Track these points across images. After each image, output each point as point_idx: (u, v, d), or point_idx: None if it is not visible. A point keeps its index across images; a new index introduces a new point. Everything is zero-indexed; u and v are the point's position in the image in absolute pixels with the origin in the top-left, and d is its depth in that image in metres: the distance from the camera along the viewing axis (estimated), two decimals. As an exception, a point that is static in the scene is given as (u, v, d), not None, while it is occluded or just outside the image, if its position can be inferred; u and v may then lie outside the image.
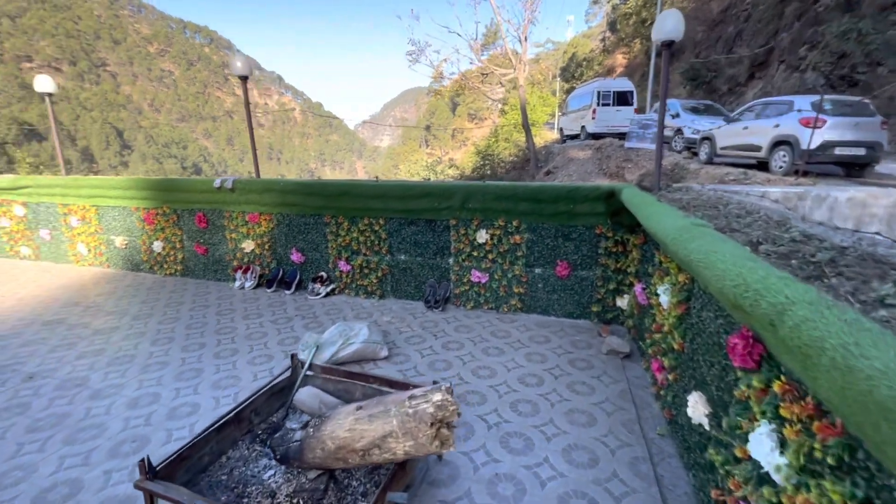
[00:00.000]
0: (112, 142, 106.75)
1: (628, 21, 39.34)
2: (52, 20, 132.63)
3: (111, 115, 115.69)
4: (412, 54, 15.11)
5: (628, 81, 17.09)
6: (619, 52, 42.64)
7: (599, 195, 3.19)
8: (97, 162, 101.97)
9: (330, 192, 3.85)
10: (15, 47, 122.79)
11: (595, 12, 58.91)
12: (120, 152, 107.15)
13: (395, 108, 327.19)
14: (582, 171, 14.54)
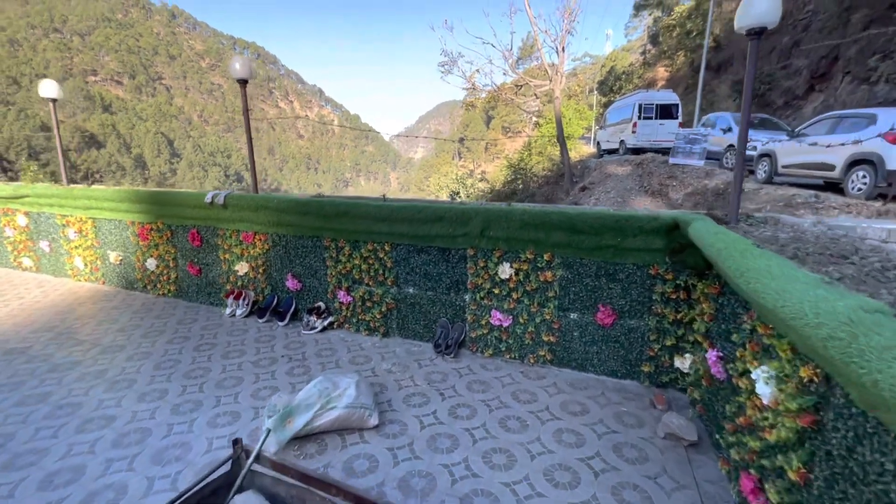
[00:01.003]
0: (163, 150, 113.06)
1: (671, 33, 38.03)
2: (116, 37, 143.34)
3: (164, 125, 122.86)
4: (444, 65, 14.74)
5: (673, 94, 16.06)
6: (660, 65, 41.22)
7: (658, 227, 2.48)
8: (149, 168, 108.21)
9: (328, 211, 3.31)
10: (83, 62, 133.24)
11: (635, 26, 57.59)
12: (170, 160, 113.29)
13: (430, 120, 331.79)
14: (621, 188, 13.60)
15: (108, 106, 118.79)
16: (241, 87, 3.64)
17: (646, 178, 13.20)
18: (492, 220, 2.84)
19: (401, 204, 3.08)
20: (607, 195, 13.60)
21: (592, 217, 2.60)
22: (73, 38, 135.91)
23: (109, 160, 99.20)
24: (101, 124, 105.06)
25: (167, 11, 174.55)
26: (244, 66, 3.51)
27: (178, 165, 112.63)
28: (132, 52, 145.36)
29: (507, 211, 2.81)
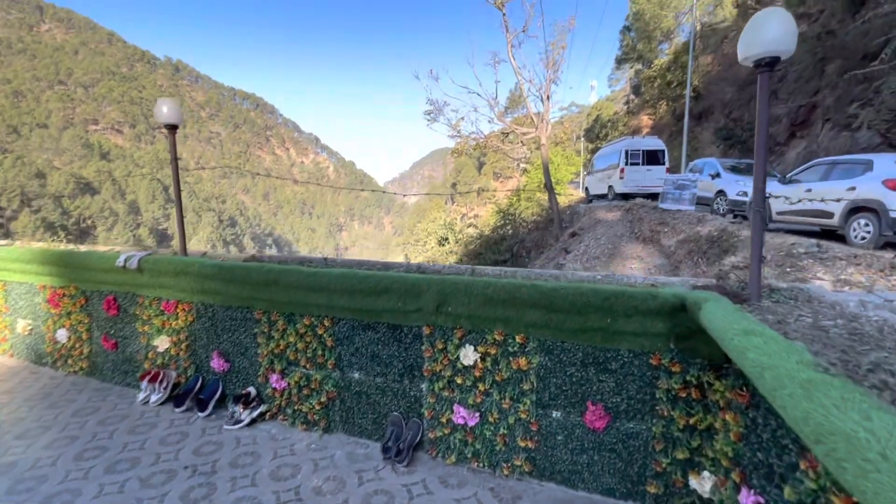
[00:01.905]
0: (157, 196, 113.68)
1: (653, 84, 39.64)
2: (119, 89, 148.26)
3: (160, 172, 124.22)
4: (430, 113, 14.76)
5: (658, 140, 16.17)
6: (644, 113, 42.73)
7: (658, 308, 1.91)
8: (142, 214, 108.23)
9: (255, 279, 2.72)
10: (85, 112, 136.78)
11: (618, 78, 60.47)
12: (164, 205, 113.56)
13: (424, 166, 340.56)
14: (611, 235, 13.25)
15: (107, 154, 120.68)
16: (169, 134, 3.15)
17: (636, 224, 12.90)
18: (449, 293, 2.26)
19: (339, 272, 2.51)
20: (597, 241, 13.23)
21: (573, 293, 2.03)
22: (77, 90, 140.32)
23: (103, 206, 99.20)
24: (98, 171, 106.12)
25: (171, 65, 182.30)
26: (172, 110, 3.04)
27: (171, 211, 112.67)
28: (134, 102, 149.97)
29: (468, 283, 2.24)
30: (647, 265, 11.24)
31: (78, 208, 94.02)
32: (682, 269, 9.87)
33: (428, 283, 2.29)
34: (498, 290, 2.16)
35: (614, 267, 11.88)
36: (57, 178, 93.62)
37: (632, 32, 44.56)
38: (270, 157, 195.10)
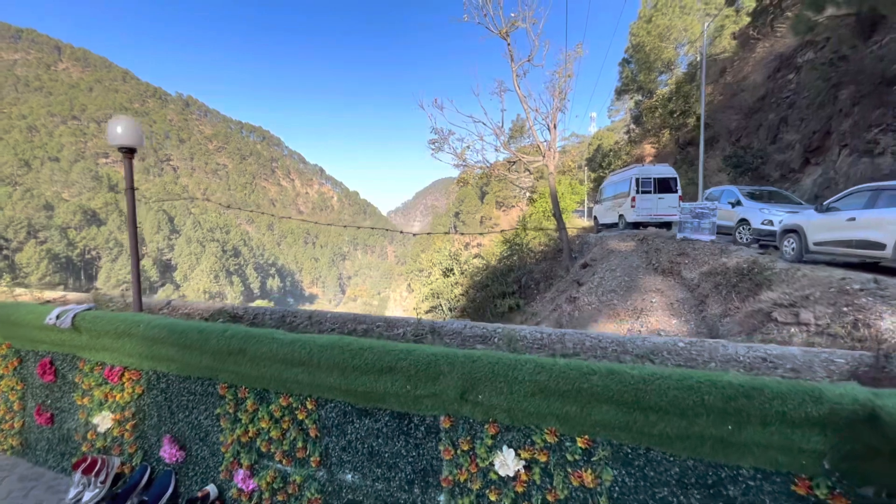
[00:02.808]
0: (163, 226, 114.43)
1: (654, 113, 39.92)
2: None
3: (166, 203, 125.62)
4: (435, 143, 14.43)
5: (670, 167, 15.72)
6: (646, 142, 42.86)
7: (822, 419, 1.22)
8: (147, 245, 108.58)
9: (216, 346, 2.06)
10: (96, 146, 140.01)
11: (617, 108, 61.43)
12: (168, 236, 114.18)
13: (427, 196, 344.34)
14: (626, 266, 12.56)
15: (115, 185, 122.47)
16: (125, 158, 2.57)
17: (653, 255, 12.23)
18: (479, 378, 1.59)
19: (326, 341, 1.83)
20: (613, 273, 12.53)
21: (677, 387, 1.34)
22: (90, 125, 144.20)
23: (108, 237, 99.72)
24: (105, 203, 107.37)
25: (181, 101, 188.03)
26: (129, 130, 2.47)
27: (177, 241, 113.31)
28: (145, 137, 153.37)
29: (508, 364, 1.56)
30: (668, 299, 10.49)
31: (84, 239, 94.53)
32: (710, 304, 9.14)
33: (449, 361, 1.62)
34: (555, 378, 1.48)
35: (633, 301, 11.14)
36: (64, 210, 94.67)
37: (631, 64, 45.31)
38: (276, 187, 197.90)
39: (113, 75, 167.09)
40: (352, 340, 1.78)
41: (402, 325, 2.17)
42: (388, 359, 1.68)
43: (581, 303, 12.38)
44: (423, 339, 1.83)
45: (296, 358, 1.86)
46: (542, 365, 1.50)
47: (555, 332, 1.94)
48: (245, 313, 2.58)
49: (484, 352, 1.64)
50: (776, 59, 21.49)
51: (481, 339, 1.87)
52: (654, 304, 10.21)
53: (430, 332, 1.97)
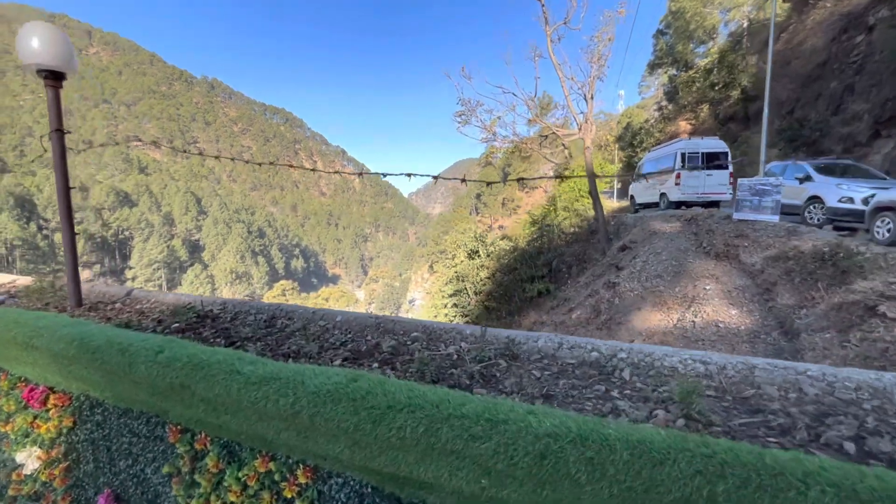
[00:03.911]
0: (191, 208, 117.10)
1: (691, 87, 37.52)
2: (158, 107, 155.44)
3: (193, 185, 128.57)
4: (462, 115, 13.37)
5: (720, 141, 14.25)
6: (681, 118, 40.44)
7: None
8: (176, 226, 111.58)
9: (145, 376, 1.26)
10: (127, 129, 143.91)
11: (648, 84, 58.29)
12: (196, 217, 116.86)
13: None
14: (673, 249, 11.40)
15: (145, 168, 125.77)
16: (47, 88, 1.77)
17: (704, 237, 11.04)
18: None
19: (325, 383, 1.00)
20: (657, 257, 11.42)
21: None
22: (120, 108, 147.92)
23: (140, 218, 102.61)
24: (136, 184, 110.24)
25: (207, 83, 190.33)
26: (51, 43, 1.66)
27: (204, 222, 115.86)
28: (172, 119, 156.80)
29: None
30: (724, 286, 9.38)
31: (117, 220, 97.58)
32: (779, 292, 8.01)
33: (597, 464, 0.75)
34: None
35: (682, 287, 10.07)
36: (98, 192, 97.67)
37: (666, 36, 42.59)
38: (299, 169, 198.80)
39: (140, 59, 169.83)
40: (371, 383, 0.95)
41: (453, 337, 1.34)
42: (446, 432, 0.84)
43: (622, 289, 11.37)
44: (493, 368, 0.97)
45: (273, 411, 1.04)
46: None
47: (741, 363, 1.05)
48: (223, 311, 1.79)
49: (668, 434, 0.76)
50: (842, 20, 19.24)
51: (598, 372, 1.00)
52: (709, 292, 9.12)
53: (503, 356, 1.12)
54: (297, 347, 1.38)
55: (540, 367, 1.19)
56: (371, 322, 1.56)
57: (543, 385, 1.06)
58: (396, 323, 1.54)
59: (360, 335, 1.48)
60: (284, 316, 1.68)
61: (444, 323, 1.53)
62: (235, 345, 1.43)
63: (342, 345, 1.40)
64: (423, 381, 1.11)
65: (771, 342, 7.45)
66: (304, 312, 1.66)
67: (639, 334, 9.56)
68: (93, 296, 2.13)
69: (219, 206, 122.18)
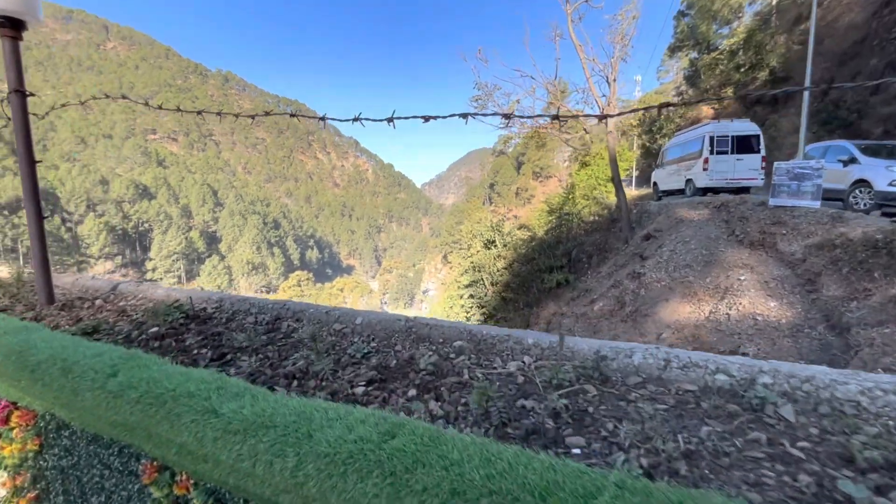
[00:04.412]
0: (208, 200, 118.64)
1: (714, 71, 36.30)
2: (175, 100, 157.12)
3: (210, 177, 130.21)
4: (478, 100, 12.88)
5: (751, 123, 13.49)
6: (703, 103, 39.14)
7: None
8: (193, 217, 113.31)
9: (91, 407, 0.93)
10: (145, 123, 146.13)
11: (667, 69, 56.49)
12: (213, 209, 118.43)
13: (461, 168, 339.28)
14: (702, 237, 10.83)
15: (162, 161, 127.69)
16: (3, 39, 1.44)
17: (737, 224, 10.44)
18: None
19: (342, 437, 0.67)
20: (686, 245, 10.87)
21: None
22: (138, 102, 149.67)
23: (159, 210, 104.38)
24: (155, 178, 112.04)
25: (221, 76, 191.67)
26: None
27: (221, 214, 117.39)
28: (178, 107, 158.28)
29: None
30: (760, 276, 8.83)
31: (137, 212, 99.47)
32: (824, 283, 7.45)
33: None
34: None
35: (714, 278, 9.55)
36: (118, 184, 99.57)
37: (687, 17, 41.13)
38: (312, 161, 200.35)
39: (156, 52, 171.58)
40: (419, 442, 0.60)
41: (510, 348, 1.00)
42: None
43: (648, 279, 10.88)
44: (580, 399, 0.59)
45: (266, 476, 0.70)
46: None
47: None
48: (217, 309, 1.46)
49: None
50: (884, -8, 18.00)
51: (740, 407, 0.63)
52: (744, 283, 8.59)
53: (589, 378, 0.75)
54: (304, 364, 1.04)
55: (647, 398, 0.83)
56: (400, 326, 1.21)
57: (668, 430, 0.70)
58: (432, 328, 1.19)
59: (386, 344, 1.14)
60: (291, 317, 1.35)
61: (493, 328, 1.17)
62: (225, 358, 1.11)
63: (365, 358, 1.06)
64: (486, 421, 0.76)
65: (816, 337, 6.93)
66: (316, 313, 1.33)
67: (667, 327, 9.11)
68: (74, 290, 1.85)
69: (234, 198, 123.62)
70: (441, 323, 1.20)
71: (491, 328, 1.15)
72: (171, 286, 1.86)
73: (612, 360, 0.96)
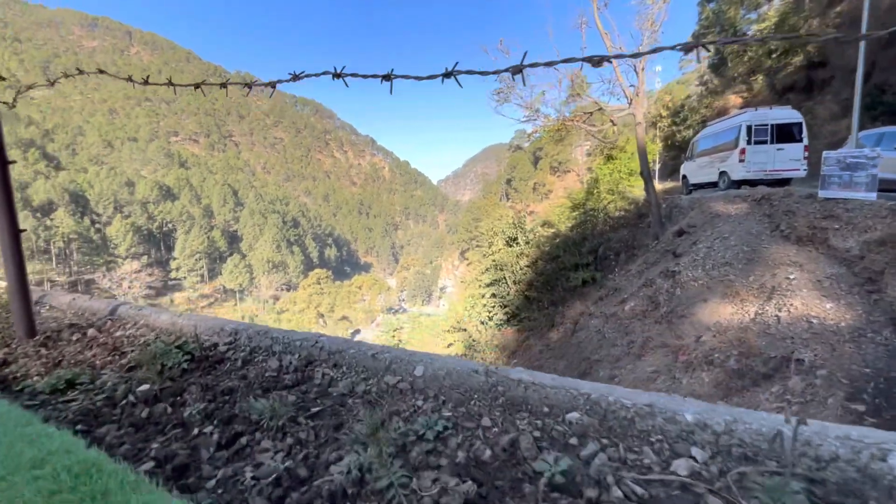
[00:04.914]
0: (228, 200, 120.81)
1: (742, 58, 34.97)
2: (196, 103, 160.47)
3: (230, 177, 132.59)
4: (500, 93, 12.44)
5: (793, 111, 12.69)
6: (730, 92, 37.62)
7: None
8: (215, 217, 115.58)
9: None
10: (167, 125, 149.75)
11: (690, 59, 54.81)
12: (234, 209, 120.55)
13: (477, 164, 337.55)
14: (742, 233, 10.19)
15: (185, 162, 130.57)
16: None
17: (781, 219, 9.78)
18: None
19: None
20: (724, 242, 10.26)
21: None
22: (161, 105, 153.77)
23: (182, 210, 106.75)
24: (177, 179, 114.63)
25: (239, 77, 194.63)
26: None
27: (241, 213, 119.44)
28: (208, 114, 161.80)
29: None
30: (812, 275, 8.20)
31: (161, 213, 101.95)
32: (887, 283, 6.83)
33: None
34: None
35: (759, 276, 8.95)
36: (143, 186, 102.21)
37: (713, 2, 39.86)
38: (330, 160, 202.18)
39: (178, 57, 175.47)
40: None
41: (661, 429, 0.57)
42: None
43: (683, 278, 10.31)
44: None
45: None
46: None
47: None
48: (232, 346, 1.12)
49: None
50: (935, -34, 16.75)
51: None
52: (794, 282, 7.97)
53: None
54: (357, 471, 0.67)
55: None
56: (479, 382, 0.85)
57: None
58: (528, 387, 0.81)
59: (466, 413, 0.78)
60: (326, 360, 1.00)
61: (618, 388, 0.80)
62: (238, 442, 0.78)
63: (440, 440, 0.70)
64: None
65: (882, 342, 6.33)
66: (359, 355, 0.97)
67: (707, 329, 8.56)
68: (69, 314, 1.56)
69: (254, 198, 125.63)
70: (540, 380, 0.83)
71: (615, 388, 0.78)
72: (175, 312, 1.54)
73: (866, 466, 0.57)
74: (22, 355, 1.14)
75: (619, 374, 9.43)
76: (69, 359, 1.10)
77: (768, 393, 6.75)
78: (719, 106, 38.98)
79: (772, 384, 6.87)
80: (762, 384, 7.03)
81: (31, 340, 1.27)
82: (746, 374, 7.23)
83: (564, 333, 13.71)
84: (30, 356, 1.13)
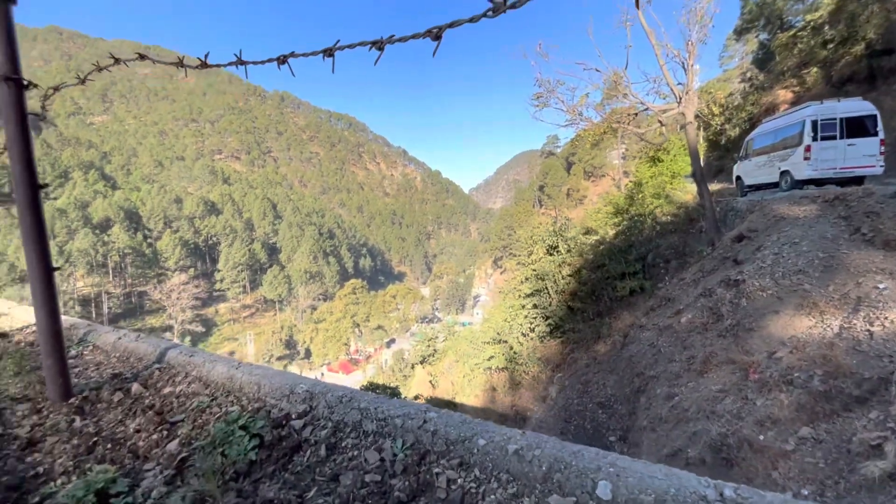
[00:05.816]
0: (268, 213, 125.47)
1: (792, 50, 32.95)
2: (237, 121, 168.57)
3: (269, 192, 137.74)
4: (540, 97, 12.04)
5: (865, 102, 11.58)
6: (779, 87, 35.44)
7: None
8: (255, 230, 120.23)
9: None
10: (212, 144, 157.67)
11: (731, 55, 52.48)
12: (273, 222, 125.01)
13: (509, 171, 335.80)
14: (815, 237, 9.28)
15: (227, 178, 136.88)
16: None
17: (863, 221, 8.83)
18: None
19: None
20: (795, 248, 9.38)
21: None
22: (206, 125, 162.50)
23: (225, 224, 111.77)
24: (221, 194, 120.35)
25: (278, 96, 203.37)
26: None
27: (280, 226, 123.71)
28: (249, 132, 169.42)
29: None
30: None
31: (206, 227, 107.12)
32: None
33: None
34: None
35: (839, 285, 8.10)
36: (190, 202, 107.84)
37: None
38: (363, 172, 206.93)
39: (221, 79, 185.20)
40: None
41: None
42: None
43: (748, 287, 9.47)
44: None
45: None
46: None
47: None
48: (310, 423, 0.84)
49: None
50: None
51: None
52: (885, 292, 7.08)
53: None
54: None
55: None
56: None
57: None
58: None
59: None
60: (446, 455, 0.67)
61: None
62: None
63: None
64: None
65: None
66: (493, 449, 0.64)
67: (782, 344, 7.74)
68: (113, 357, 1.35)
69: (292, 211, 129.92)
70: None
71: None
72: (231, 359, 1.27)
73: None
74: (51, 430, 0.92)
75: (679, 392, 8.71)
76: (106, 435, 0.86)
77: (865, 419, 5.93)
78: (767, 102, 36.79)
79: (868, 409, 6.04)
80: (856, 409, 6.20)
81: (64, 404, 1.06)
82: (835, 397, 6.40)
83: (613, 346, 12.99)
84: (60, 431, 0.90)
